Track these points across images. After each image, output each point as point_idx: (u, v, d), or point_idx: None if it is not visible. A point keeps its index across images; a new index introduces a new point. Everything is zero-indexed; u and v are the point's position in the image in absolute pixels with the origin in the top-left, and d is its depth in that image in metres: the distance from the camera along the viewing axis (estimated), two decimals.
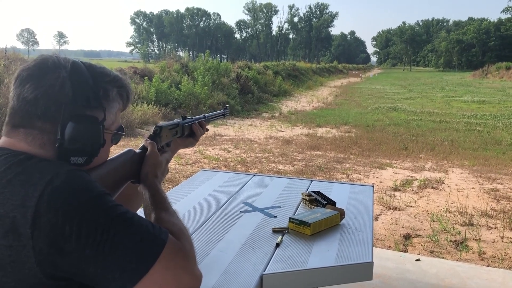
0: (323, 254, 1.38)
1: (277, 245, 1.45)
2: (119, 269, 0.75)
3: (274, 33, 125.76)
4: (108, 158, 1.01)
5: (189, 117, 1.43)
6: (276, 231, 1.57)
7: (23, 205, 0.73)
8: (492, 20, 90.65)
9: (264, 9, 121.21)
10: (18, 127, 0.84)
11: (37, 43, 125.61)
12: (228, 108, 1.76)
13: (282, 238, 1.50)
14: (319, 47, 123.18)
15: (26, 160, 0.80)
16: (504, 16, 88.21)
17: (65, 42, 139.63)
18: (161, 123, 1.26)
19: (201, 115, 1.51)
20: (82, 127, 0.85)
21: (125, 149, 1.07)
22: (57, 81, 0.83)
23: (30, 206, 0.73)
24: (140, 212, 1.72)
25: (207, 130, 1.55)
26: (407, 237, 3.66)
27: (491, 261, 3.22)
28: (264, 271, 1.27)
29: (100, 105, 0.89)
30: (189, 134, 1.42)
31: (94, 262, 0.74)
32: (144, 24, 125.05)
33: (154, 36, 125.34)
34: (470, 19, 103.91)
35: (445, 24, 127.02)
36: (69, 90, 0.84)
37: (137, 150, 1.10)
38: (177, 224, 0.94)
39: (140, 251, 0.77)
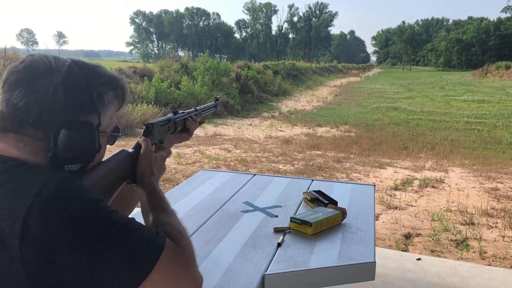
0: (325, 254, 1.38)
1: (279, 244, 1.44)
2: (116, 278, 0.73)
3: (273, 32, 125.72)
4: (101, 161, 0.98)
5: (180, 112, 1.40)
6: (277, 230, 1.56)
7: (11, 216, 0.70)
8: (491, 20, 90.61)
9: (263, 8, 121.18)
10: (8, 132, 0.80)
11: (36, 43, 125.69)
12: (219, 100, 1.68)
13: (283, 237, 1.49)
14: (318, 46, 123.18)
15: (15, 167, 0.77)
16: (503, 16, 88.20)
17: (64, 42, 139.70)
18: (152, 120, 1.23)
19: (192, 109, 1.49)
20: (76, 134, 0.81)
21: (117, 150, 1.03)
22: (49, 88, 0.79)
23: (18, 217, 0.70)
24: (137, 212, 1.72)
25: (203, 122, 1.52)
26: (407, 236, 3.66)
27: (492, 260, 3.21)
28: (266, 271, 1.26)
29: (95, 110, 0.85)
30: (182, 129, 1.40)
31: (91, 272, 0.72)
32: (144, 24, 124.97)
33: (154, 36, 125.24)
34: (470, 18, 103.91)
35: (444, 23, 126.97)
36: (61, 96, 0.79)
37: (130, 150, 1.07)
38: (176, 226, 0.91)
39: (137, 258, 0.75)
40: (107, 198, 0.96)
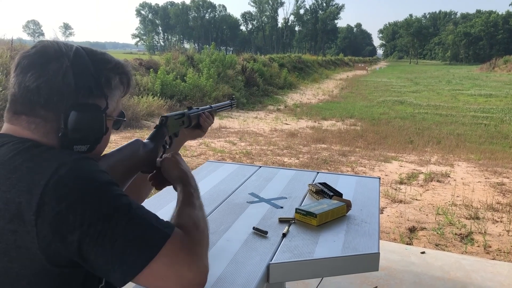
0: (329, 245, 1.39)
1: (284, 235, 1.45)
2: (118, 261, 0.74)
3: (279, 25, 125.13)
4: (116, 148, 1.01)
5: (195, 108, 1.42)
6: (282, 221, 1.58)
7: (29, 192, 0.73)
8: (500, 13, 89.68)
9: (270, 1, 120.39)
10: (20, 114, 0.84)
11: (42, 34, 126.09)
12: (235, 100, 1.75)
13: (288, 228, 1.51)
14: (325, 39, 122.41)
15: (34, 147, 0.80)
16: None
17: (70, 34, 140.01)
18: (167, 113, 1.25)
19: (207, 106, 1.51)
20: (85, 116, 0.84)
21: (132, 140, 1.07)
22: (60, 71, 0.82)
23: (35, 193, 0.73)
24: (148, 201, 1.74)
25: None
26: (412, 230, 3.66)
27: (497, 255, 3.22)
28: (271, 260, 1.27)
29: (102, 94, 0.88)
30: (196, 125, 1.42)
31: (95, 252, 0.74)
32: (150, 15, 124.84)
33: (160, 28, 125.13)
34: (478, 11, 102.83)
35: (452, 16, 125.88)
36: (71, 79, 0.83)
37: (145, 140, 1.10)
38: (194, 218, 0.91)
39: (140, 243, 0.76)
40: (120, 185, 0.98)
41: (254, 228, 1.49)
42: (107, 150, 0.99)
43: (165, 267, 0.77)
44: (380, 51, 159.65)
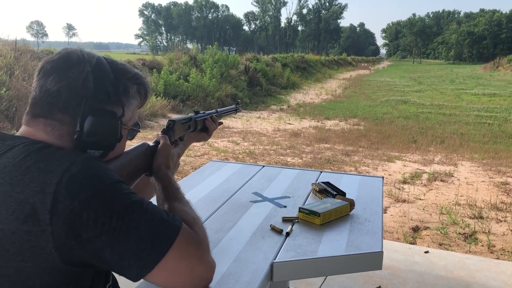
0: (332, 244, 1.39)
1: (287, 234, 1.46)
2: (134, 256, 0.76)
3: (282, 25, 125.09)
4: (124, 152, 1.03)
5: (201, 112, 1.45)
6: (286, 220, 1.58)
7: (42, 192, 0.74)
8: (504, 12, 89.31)
9: (272, 0, 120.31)
10: (38, 117, 0.86)
11: (46, 35, 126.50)
12: (240, 104, 1.80)
13: (292, 227, 1.51)
14: (328, 39, 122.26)
15: (44, 148, 0.82)
16: None
17: (74, 34, 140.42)
18: (174, 117, 1.28)
19: (213, 110, 1.55)
20: (101, 121, 0.86)
21: (139, 142, 1.09)
22: (81, 75, 0.85)
23: (49, 192, 0.74)
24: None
25: (221, 123, 1.58)
26: (415, 229, 3.66)
27: (501, 254, 3.21)
28: (275, 259, 1.28)
29: (120, 101, 0.90)
30: (202, 128, 1.45)
31: (110, 248, 0.75)
32: (153, 16, 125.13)
33: (163, 28, 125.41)
34: (482, 10, 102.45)
35: (456, 16, 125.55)
36: (91, 84, 0.85)
37: (151, 143, 1.12)
38: (190, 214, 0.96)
39: (154, 238, 0.78)
40: None
41: (271, 225, 1.52)
42: None
43: (177, 261, 0.80)
44: (383, 51, 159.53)
